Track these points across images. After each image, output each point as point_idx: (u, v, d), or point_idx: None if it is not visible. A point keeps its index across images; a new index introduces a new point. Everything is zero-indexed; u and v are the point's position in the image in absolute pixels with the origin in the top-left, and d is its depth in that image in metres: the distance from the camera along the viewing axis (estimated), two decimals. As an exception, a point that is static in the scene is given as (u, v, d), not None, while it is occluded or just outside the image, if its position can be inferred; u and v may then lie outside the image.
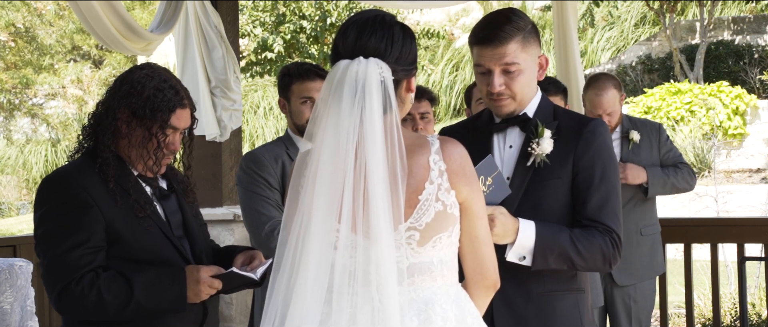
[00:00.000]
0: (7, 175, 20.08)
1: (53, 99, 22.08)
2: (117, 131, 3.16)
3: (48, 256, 3.08)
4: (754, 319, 7.58)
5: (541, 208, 3.01)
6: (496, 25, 3.02)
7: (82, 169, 3.14)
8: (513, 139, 3.11)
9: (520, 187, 3.04)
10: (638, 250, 5.45)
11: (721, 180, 13.26)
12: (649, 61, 17.40)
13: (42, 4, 21.51)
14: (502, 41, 3.00)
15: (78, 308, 3.05)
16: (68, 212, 3.07)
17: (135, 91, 3.14)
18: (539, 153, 3.03)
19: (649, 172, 5.40)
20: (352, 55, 2.41)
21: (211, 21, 6.44)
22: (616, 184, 3.05)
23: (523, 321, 3.04)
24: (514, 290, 3.02)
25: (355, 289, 2.34)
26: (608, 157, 3.04)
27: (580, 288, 3.11)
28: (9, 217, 19.24)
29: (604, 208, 3.01)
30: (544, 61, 3.13)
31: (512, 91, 3.04)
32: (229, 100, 6.55)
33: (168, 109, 3.14)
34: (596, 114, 5.42)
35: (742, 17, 17.61)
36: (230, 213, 6.59)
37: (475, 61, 3.08)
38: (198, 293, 3.10)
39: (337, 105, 2.35)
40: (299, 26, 17.60)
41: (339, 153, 2.33)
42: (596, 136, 3.04)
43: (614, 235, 3.01)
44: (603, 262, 3.02)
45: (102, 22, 5.77)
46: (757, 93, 15.50)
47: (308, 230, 2.32)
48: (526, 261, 2.96)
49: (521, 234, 2.93)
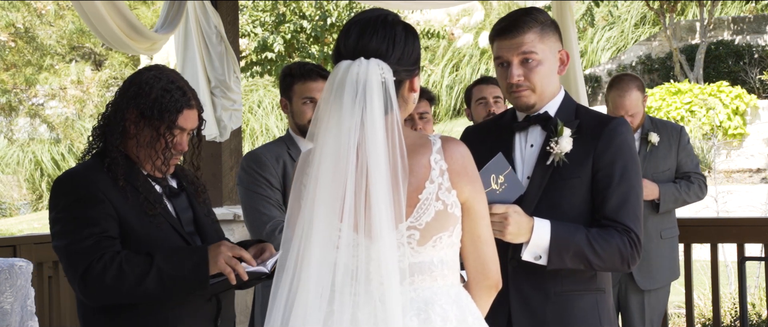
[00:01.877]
0: (7, 175, 20.08)
1: (53, 99, 22.08)
2: (125, 131, 3.22)
3: (67, 249, 3.13)
4: (754, 319, 7.57)
5: (561, 208, 3.00)
6: (514, 17, 3.06)
7: (92, 169, 3.20)
8: (534, 138, 3.09)
9: (539, 186, 3.02)
10: (659, 253, 5.43)
11: (721, 180, 13.26)
12: (649, 61, 17.41)
13: (42, 4, 21.51)
14: (520, 31, 3.02)
15: (100, 285, 3.07)
16: (82, 207, 3.12)
17: (143, 92, 3.19)
18: (558, 152, 3.01)
19: (662, 189, 5.38)
20: (353, 56, 2.40)
21: (211, 21, 6.44)
22: (637, 184, 3.02)
23: (541, 321, 3.02)
24: (531, 290, 3.01)
25: (356, 289, 2.34)
26: (629, 157, 3.01)
27: (600, 288, 3.08)
28: (9, 217, 19.25)
29: (623, 207, 2.98)
30: (564, 56, 3.12)
31: (531, 82, 3.04)
32: (229, 100, 6.55)
33: (175, 109, 3.18)
34: (618, 115, 5.37)
35: (742, 17, 17.62)
36: (230, 213, 6.59)
37: (495, 55, 3.09)
38: (216, 257, 3.07)
39: (339, 106, 2.35)
40: (299, 26, 17.60)
41: (340, 153, 2.33)
42: (617, 134, 3.02)
43: (633, 235, 2.98)
44: (621, 263, 2.98)
45: (106, 23, 5.77)
46: (757, 93, 15.51)
47: (311, 230, 2.33)
48: (541, 260, 2.94)
49: (536, 233, 2.91)
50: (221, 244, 3.13)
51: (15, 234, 14.45)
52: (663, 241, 5.46)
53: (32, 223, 16.69)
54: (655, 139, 5.45)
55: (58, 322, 5.47)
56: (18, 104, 21.94)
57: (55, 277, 5.43)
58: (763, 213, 10.91)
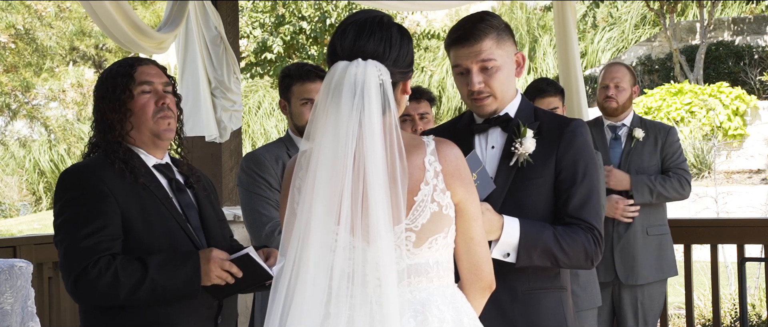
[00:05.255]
0: (7, 176, 20.08)
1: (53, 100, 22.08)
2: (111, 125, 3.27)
3: (65, 244, 3.16)
4: (754, 320, 7.58)
5: (526, 207, 3.05)
6: (469, 24, 3.09)
7: (98, 163, 3.24)
8: (495, 140, 3.15)
9: (503, 186, 3.08)
10: (644, 249, 5.44)
11: (721, 181, 13.26)
12: (649, 61, 17.41)
13: (42, 5, 21.51)
14: (477, 38, 3.05)
15: (93, 291, 3.11)
16: (85, 202, 3.15)
17: (101, 82, 3.33)
18: (523, 152, 3.07)
19: (633, 180, 5.40)
20: (350, 57, 2.40)
21: (211, 22, 6.45)
22: (597, 182, 3.11)
23: (509, 319, 3.06)
24: (500, 289, 3.00)
25: (353, 292, 2.34)
26: (589, 156, 3.09)
27: (562, 286, 3.15)
28: (9, 217, 19.24)
29: (585, 205, 3.05)
30: (520, 59, 3.17)
31: (492, 88, 3.09)
32: (229, 100, 6.55)
33: (127, 73, 3.28)
34: (605, 84, 5.50)
35: (742, 18, 17.62)
36: (231, 214, 6.59)
37: (453, 63, 3.13)
38: (208, 273, 3.14)
39: (336, 107, 2.35)
40: (299, 27, 17.61)
41: (338, 154, 2.33)
42: (577, 135, 3.09)
43: (596, 232, 3.05)
44: (585, 259, 3.05)
45: (116, 23, 5.78)
46: (757, 94, 15.50)
47: (308, 232, 2.33)
48: (510, 258, 2.99)
49: (506, 230, 2.96)
50: (212, 250, 3.17)
51: (15, 235, 14.45)
52: (649, 237, 5.46)
53: (32, 224, 16.69)
54: (639, 135, 5.48)
55: (58, 322, 5.47)
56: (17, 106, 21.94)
57: (55, 278, 5.43)
58: (763, 214, 10.91)
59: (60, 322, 5.48)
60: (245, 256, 3.18)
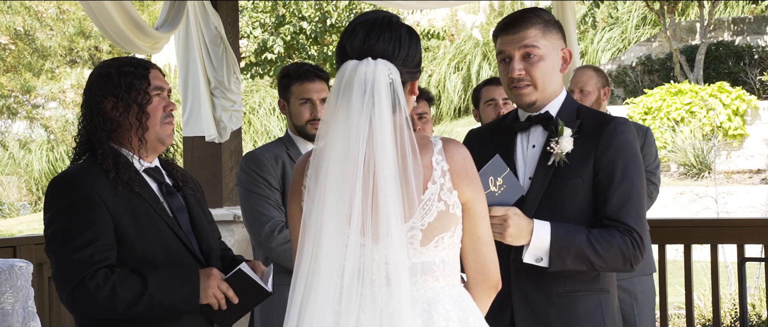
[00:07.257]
0: (7, 176, 20.08)
1: (53, 101, 22.08)
2: (110, 124, 3.20)
3: (58, 255, 3.10)
4: (754, 320, 7.57)
5: (563, 209, 2.99)
6: (518, 13, 3.07)
7: (87, 169, 3.18)
8: (536, 139, 3.08)
9: (540, 187, 3.02)
10: None
11: (721, 181, 13.25)
12: (649, 61, 17.40)
13: (42, 6, 21.51)
14: (523, 26, 3.03)
15: (90, 304, 3.07)
16: (77, 211, 3.10)
17: (109, 80, 3.22)
18: (558, 152, 3.00)
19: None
20: (359, 56, 2.42)
21: (211, 22, 6.45)
22: (639, 183, 3.01)
23: (545, 322, 3.01)
24: (534, 291, 3.01)
25: (362, 290, 2.36)
26: (630, 156, 3.00)
27: (603, 288, 3.07)
28: (9, 217, 19.24)
29: (624, 207, 2.97)
30: (567, 55, 3.11)
31: (532, 77, 3.03)
32: (229, 100, 6.55)
33: (142, 74, 3.22)
34: (570, 90, 5.43)
35: (743, 18, 17.62)
36: (230, 214, 6.59)
37: (498, 50, 3.09)
38: (206, 289, 3.12)
39: (346, 106, 2.37)
40: (299, 27, 17.61)
41: (350, 153, 2.34)
42: (618, 134, 3.01)
43: (635, 234, 2.97)
44: (623, 263, 2.97)
45: (113, 22, 5.78)
46: (757, 94, 15.50)
47: (321, 232, 2.35)
48: (543, 262, 2.93)
49: (536, 235, 2.90)
50: (212, 270, 3.16)
51: (15, 235, 14.45)
52: None
53: (32, 224, 16.69)
54: None
55: (58, 322, 5.47)
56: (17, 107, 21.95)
57: (55, 278, 5.43)
58: (763, 214, 10.91)
59: (60, 322, 5.48)
60: (238, 271, 3.16)
